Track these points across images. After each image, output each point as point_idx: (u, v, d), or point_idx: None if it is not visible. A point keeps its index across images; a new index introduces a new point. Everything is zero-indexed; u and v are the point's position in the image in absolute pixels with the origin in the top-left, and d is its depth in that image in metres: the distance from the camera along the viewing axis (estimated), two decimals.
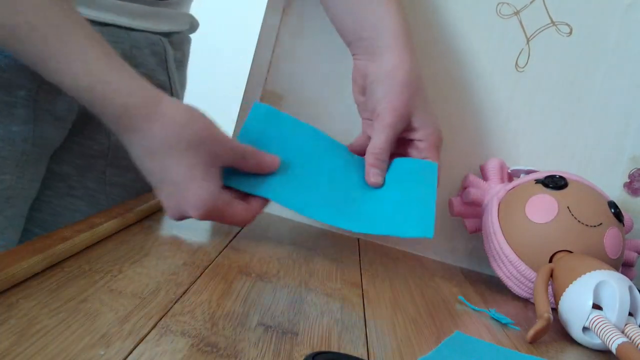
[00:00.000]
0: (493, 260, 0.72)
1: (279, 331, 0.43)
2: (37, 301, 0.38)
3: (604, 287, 0.58)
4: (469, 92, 0.81)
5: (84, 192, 0.75)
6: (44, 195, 0.73)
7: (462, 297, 0.64)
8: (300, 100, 0.82)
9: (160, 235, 0.58)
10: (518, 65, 0.81)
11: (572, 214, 0.68)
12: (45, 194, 0.73)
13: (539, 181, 0.71)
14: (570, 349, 0.58)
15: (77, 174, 0.74)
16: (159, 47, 0.76)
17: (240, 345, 0.39)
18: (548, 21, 0.80)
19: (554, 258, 0.67)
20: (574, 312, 0.58)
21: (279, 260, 0.60)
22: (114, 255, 0.50)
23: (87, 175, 0.74)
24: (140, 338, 0.36)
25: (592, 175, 0.79)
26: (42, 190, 0.72)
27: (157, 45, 0.75)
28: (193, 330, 0.39)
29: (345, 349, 0.43)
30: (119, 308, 0.40)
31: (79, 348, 0.33)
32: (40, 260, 0.42)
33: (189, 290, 0.46)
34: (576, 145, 0.81)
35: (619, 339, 0.53)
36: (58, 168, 0.73)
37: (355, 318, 0.50)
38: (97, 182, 0.71)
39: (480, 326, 0.57)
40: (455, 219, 0.81)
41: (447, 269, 0.78)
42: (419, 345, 0.48)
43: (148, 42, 0.74)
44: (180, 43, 0.81)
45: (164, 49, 0.76)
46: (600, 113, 0.81)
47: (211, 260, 0.54)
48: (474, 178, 0.78)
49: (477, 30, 0.80)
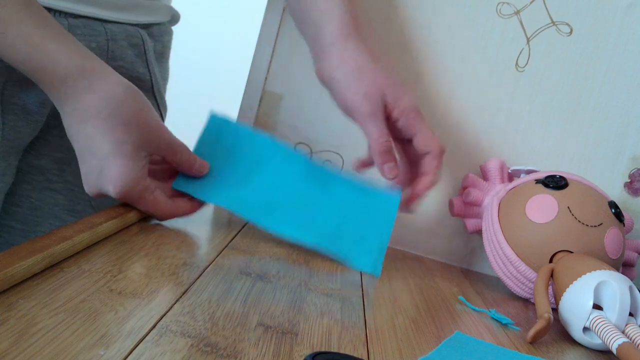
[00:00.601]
0: (493, 260, 0.72)
1: (279, 331, 0.43)
2: (36, 301, 0.38)
3: (605, 287, 0.58)
4: (469, 92, 0.81)
5: (63, 186, 0.73)
6: (22, 189, 0.72)
7: (462, 297, 0.64)
8: (300, 100, 0.82)
9: (160, 235, 0.58)
10: (518, 65, 0.81)
11: (573, 214, 0.68)
12: (24, 187, 0.72)
13: (539, 181, 0.71)
14: (570, 349, 0.57)
15: (55, 167, 0.73)
16: (137, 39, 0.74)
17: (240, 345, 0.39)
18: (548, 21, 0.80)
19: (554, 258, 0.67)
20: (574, 312, 0.58)
21: (279, 260, 0.60)
22: (114, 255, 0.49)
23: (66, 169, 0.73)
24: (140, 338, 0.36)
25: (592, 175, 0.79)
26: (21, 184, 0.71)
27: (135, 37, 0.74)
28: (193, 330, 0.39)
29: (345, 349, 0.43)
30: (119, 308, 0.40)
31: (79, 348, 0.33)
32: (40, 260, 0.42)
33: (189, 290, 0.46)
34: (576, 145, 0.81)
35: (619, 339, 0.53)
36: (36, 161, 0.72)
37: (355, 318, 0.50)
38: (77, 176, 0.69)
39: (480, 326, 0.56)
40: (455, 219, 0.81)
41: (447, 269, 0.78)
42: (419, 345, 0.48)
43: (125, 34, 0.72)
44: (160, 35, 0.79)
45: (142, 40, 0.74)
46: (600, 113, 0.81)
47: (211, 260, 0.54)
48: (474, 178, 0.78)
49: (477, 30, 0.80)
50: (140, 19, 0.75)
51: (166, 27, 0.81)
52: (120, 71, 0.71)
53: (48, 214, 0.73)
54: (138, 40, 0.74)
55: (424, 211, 0.82)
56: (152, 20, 0.77)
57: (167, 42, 0.81)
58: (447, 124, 0.81)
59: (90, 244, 0.50)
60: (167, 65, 0.83)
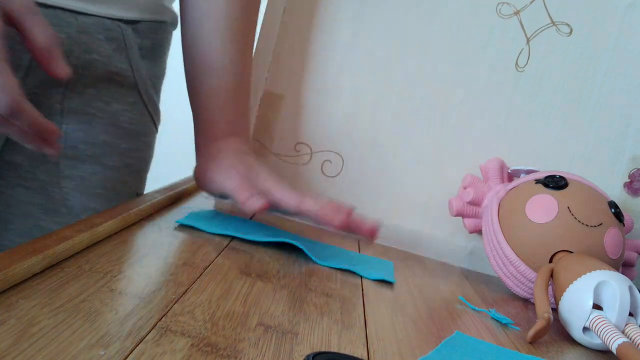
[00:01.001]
0: (493, 260, 0.72)
1: (279, 331, 0.43)
2: (37, 301, 0.38)
3: (605, 287, 0.58)
4: (469, 92, 0.81)
5: (36, 184, 0.71)
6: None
7: (462, 297, 0.64)
8: (300, 100, 0.82)
9: (160, 235, 0.58)
10: (518, 65, 0.81)
11: (573, 214, 0.68)
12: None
13: (539, 181, 0.71)
14: (570, 349, 0.57)
15: (28, 164, 0.71)
16: (116, 33, 0.72)
17: (240, 345, 0.39)
18: (548, 21, 0.80)
19: (554, 258, 0.67)
20: (574, 312, 0.58)
21: (279, 260, 0.60)
22: (114, 255, 0.49)
23: (40, 166, 0.71)
24: (140, 338, 0.36)
25: (592, 175, 0.79)
26: None
27: (114, 31, 0.72)
28: (193, 330, 0.39)
29: (345, 349, 0.43)
30: (119, 308, 0.40)
31: (79, 348, 0.33)
32: (39, 261, 0.42)
33: (189, 290, 0.46)
34: (576, 145, 0.81)
35: (619, 339, 0.53)
36: (9, 157, 0.70)
37: (355, 318, 0.50)
38: (50, 174, 0.68)
39: (480, 326, 0.56)
40: (455, 219, 0.81)
41: (447, 269, 0.78)
42: (419, 345, 0.48)
43: (102, 28, 0.71)
44: (149, 32, 0.77)
45: (122, 35, 0.73)
46: (600, 113, 0.81)
47: (211, 260, 0.54)
48: (474, 178, 0.78)
49: (477, 30, 0.80)
50: (120, 13, 0.73)
51: (158, 25, 0.79)
52: (97, 64, 0.70)
53: (21, 212, 0.71)
54: (117, 35, 0.72)
55: (424, 211, 0.82)
56: (138, 17, 0.75)
57: (160, 39, 0.80)
58: (447, 124, 0.82)
59: (90, 244, 0.50)
60: (162, 63, 0.81)
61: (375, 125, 0.82)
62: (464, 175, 0.80)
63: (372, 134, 0.82)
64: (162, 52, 0.81)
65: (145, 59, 0.77)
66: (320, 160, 0.82)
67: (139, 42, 0.76)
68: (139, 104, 0.76)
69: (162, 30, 0.80)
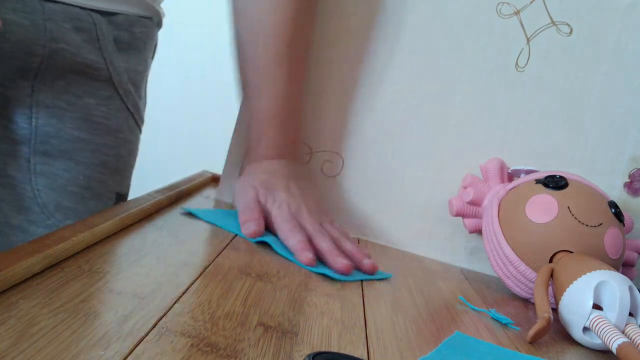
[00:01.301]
0: (493, 260, 0.72)
1: (279, 331, 0.43)
2: (37, 301, 0.38)
3: (605, 287, 0.58)
4: (469, 92, 0.81)
5: (6, 181, 0.69)
6: None
7: (462, 297, 0.64)
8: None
9: (160, 235, 0.58)
10: (518, 65, 0.81)
11: (573, 214, 0.68)
12: None
13: (539, 181, 0.71)
14: (570, 349, 0.57)
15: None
16: (86, 23, 0.70)
17: (240, 345, 0.39)
18: (548, 21, 0.80)
19: (554, 258, 0.67)
20: (574, 312, 0.58)
21: (279, 260, 0.60)
22: (114, 255, 0.50)
23: (10, 163, 0.69)
24: (140, 338, 0.36)
25: (592, 175, 0.79)
26: None
27: (84, 21, 0.70)
28: (193, 330, 0.39)
29: (345, 349, 0.43)
30: (119, 308, 0.40)
31: (79, 348, 0.33)
32: (39, 260, 0.42)
33: (189, 290, 0.46)
34: (576, 145, 0.81)
35: (619, 339, 0.53)
36: None
37: (355, 318, 0.50)
38: (21, 170, 0.66)
39: (480, 326, 0.56)
40: (455, 219, 0.81)
41: (447, 269, 0.78)
42: (419, 345, 0.48)
43: (69, 17, 0.69)
44: (128, 25, 0.75)
45: (94, 25, 0.71)
46: (600, 113, 0.81)
47: (211, 260, 0.54)
48: (474, 178, 0.78)
49: (477, 30, 0.80)
50: (91, 3, 0.71)
51: (136, 19, 0.77)
52: (64, 54, 0.68)
53: None
54: (88, 25, 0.70)
55: (424, 211, 0.82)
56: (113, 9, 0.73)
57: (139, 33, 0.77)
58: (447, 124, 0.81)
59: (90, 244, 0.50)
60: (142, 58, 0.79)
61: (375, 126, 0.82)
62: (464, 175, 0.80)
63: (372, 134, 0.82)
64: (143, 47, 0.79)
65: (122, 53, 0.75)
66: (320, 160, 0.82)
67: (116, 35, 0.74)
68: (115, 99, 0.74)
69: (142, 24, 0.78)
